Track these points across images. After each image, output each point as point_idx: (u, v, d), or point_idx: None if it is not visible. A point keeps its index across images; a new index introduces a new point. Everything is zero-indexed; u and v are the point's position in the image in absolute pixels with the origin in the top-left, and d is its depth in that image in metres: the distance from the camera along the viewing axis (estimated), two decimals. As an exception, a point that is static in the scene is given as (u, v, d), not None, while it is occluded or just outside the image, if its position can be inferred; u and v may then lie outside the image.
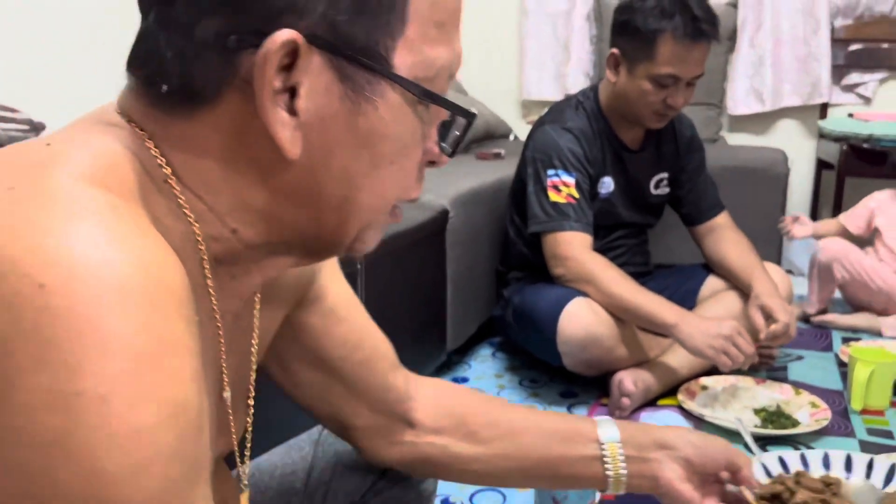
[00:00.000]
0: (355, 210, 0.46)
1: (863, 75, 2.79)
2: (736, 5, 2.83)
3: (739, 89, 2.87)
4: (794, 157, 2.77)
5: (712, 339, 1.41)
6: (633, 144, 1.72)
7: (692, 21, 1.49)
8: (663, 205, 1.84)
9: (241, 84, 0.41)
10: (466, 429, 0.72)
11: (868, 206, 2.08)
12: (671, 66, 1.51)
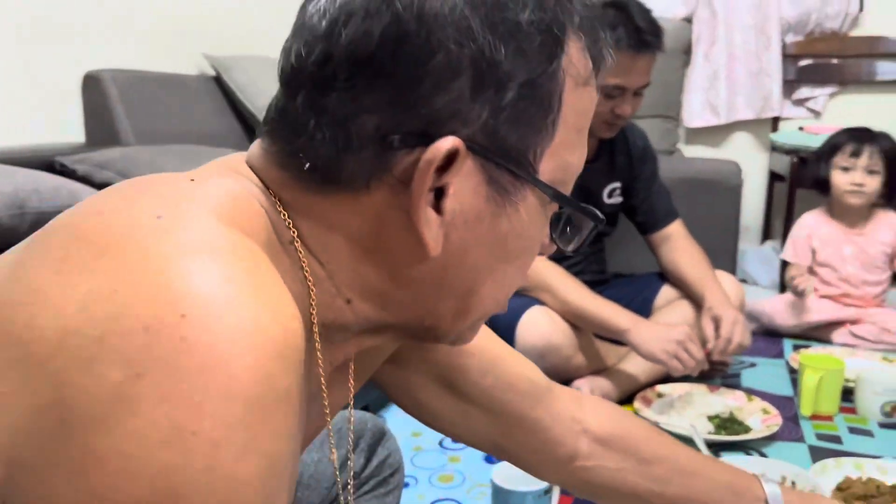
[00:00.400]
0: (476, 303, 0.47)
1: (813, 90, 2.87)
2: (691, 20, 2.90)
3: (695, 102, 2.94)
4: (748, 169, 2.83)
5: (665, 343, 1.44)
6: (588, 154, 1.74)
7: (635, 32, 1.52)
8: (617, 214, 1.87)
9: (391, 180, 0.42)
10: (639, 457, 0.72)
11: (803, 236, 2.13)
12: (616, 76, 1.54)
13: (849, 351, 1.92)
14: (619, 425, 0.73)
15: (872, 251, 2.06)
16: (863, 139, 2.02)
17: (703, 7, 2.86)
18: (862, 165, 2.01)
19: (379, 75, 0.40)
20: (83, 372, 0.32)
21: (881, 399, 1.55)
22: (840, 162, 2.03)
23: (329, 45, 0.41)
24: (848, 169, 2.02)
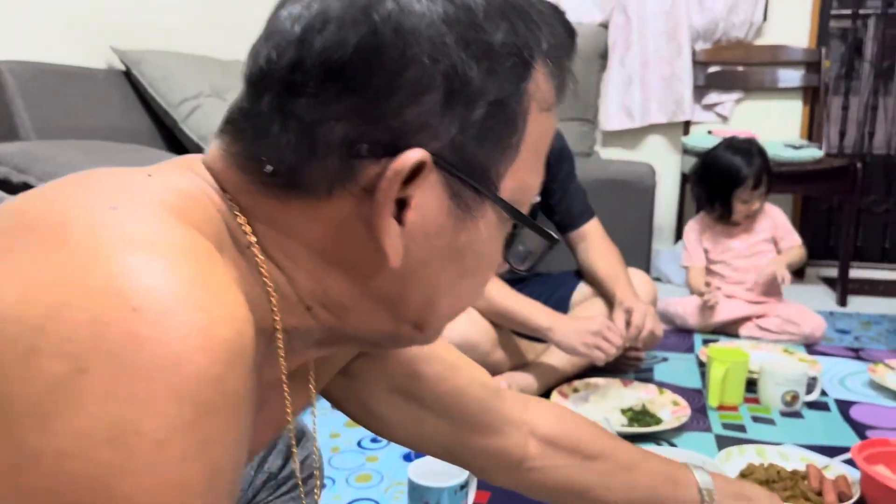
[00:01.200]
0: (433, 315, 0.48)
1: (721, 95, 3.00)
2: (607, 26, 2.98)
3: (611, 106, 3.02)
4: (661, 171, 2.94)
5: (584, 336, 1.48)
6: None
7: None
8: (536, 214, 1.90)
9: (355, 189, 0.42)
10: (583, 452, 0.73)
11: (693, 240, 2.26)
12: None
13: (753, 344, 2.02)
14: (563, 425, 0.75)
15: (756, 240, 2.20)
16: (756, 165, 2.12)
17: (618, 13, 2.95)
18: (759, 194, 2.15)
19: (351, 84, 0.40)
20: (21, 363, 0.30)
21: (782, 389, 1.63)
22: (742, 196, 2.14)
23: (302, 51, 0.41)
24: (747, 200, 2.14)
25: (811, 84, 2.90)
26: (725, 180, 2.15)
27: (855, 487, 1.23)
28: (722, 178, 2.16)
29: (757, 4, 2.87)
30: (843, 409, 1.66)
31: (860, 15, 3.31)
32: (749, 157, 2.14)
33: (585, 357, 1.52)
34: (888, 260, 3.20)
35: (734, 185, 2.13)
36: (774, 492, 1.22)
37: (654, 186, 2.62)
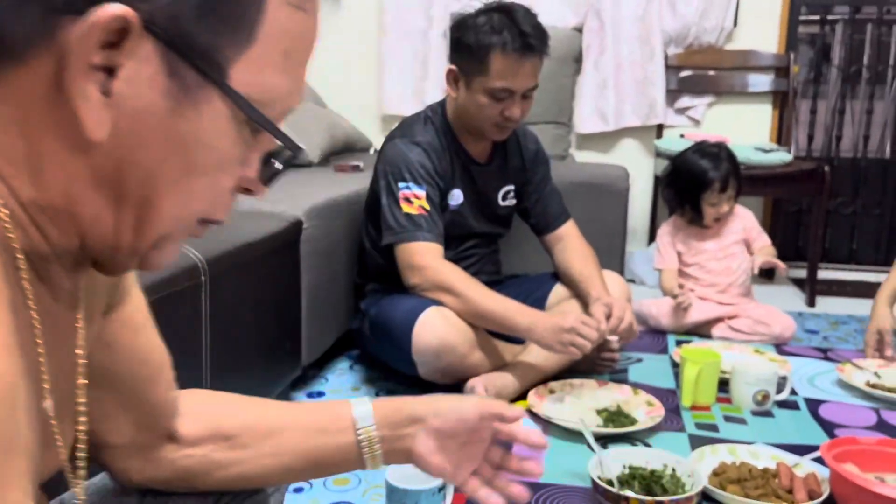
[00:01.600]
0: (155, 215, 0.44)
1: (693, 99, 3.04)
2: (581, 30, 3.00)
3: (585, 109, 3.05)
4: (635, 174, 2.96)
5: (559, 335, 1.49)
6: (480, 158, 1.78)
7: (520, 36, 1.57)
8: (511, 216, 1.92)
9: (57, 49, 0.38)
10: (223, 434, 0.69)
11: (666, 243, 2.29)
12: (503, 79, 1.58)
13: (725, 344, 2.05)
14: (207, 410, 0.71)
15: (727, 242, 2.24)
16: (723, 168, 2.17)
17: (592, 18, 2.98)
18: (727, 197, 2.19)
19: None
20: None
21: (753, 389, 1.66)
22: (710, 199, 2.18)
23: None
24: (716, 203, 2.18)
25: (780, 88, 2.95)
26: (694, 184, 2.19)
27: (824, 485, 1.26)
28: (690, 181, 2.20)
29: (728, 10, 2.92)
30: (813, 408, 1.69)
31: (827, 21, 3.38)
32: (717, 161, 2.18)
33: (562, 354, 1.53)
34: (855, 261, 3.26)
35: (702, 188, 2.17)
36: (746, 490, 1.25)
37: (627, 189, 2.65)
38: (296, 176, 2.15)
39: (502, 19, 1.58)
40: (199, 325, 1.18)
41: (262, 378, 1.48)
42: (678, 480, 1.25)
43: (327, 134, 2.78)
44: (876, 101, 3.26)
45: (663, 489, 1.21)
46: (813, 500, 1.22)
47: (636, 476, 1.25)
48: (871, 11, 3.32)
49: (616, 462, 1.30)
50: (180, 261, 1.13)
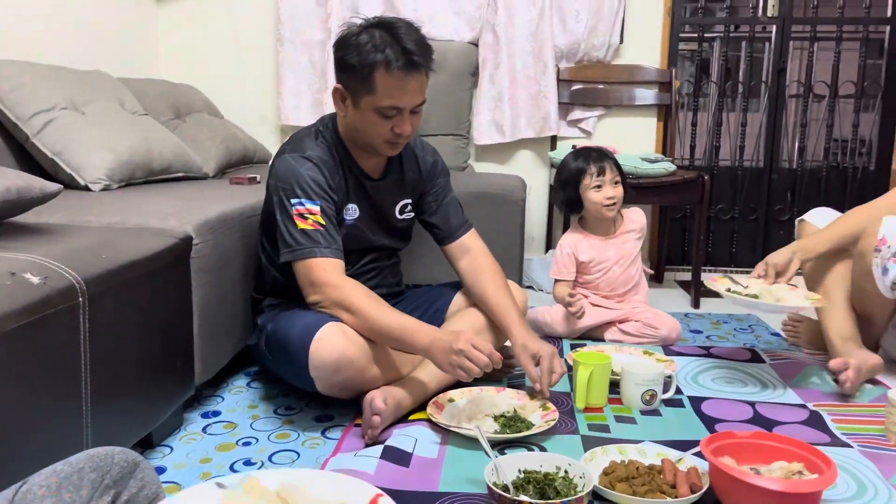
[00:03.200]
0: None
1: (584, 112, 3.16)
2: (477, 45, 3.07)
3: (483, 122, 3.12)
4: (532, 183, 3.06)
5: (449, 356, 1.49)
6: (374, 173, 1.78)
7: (403, 54, 1.55)
8: (410, 229, 1.93)
9: None
10: None
11: (566, 254, 2.35)
12: (390, 98, 1.57)
13: (617, 347, 2.13)
14: None
15: (628, 246, 2.34)
16: (598, 158, 2.30)
17: (486, 32, 3.05)
18: (609, 180, 2.29)
19: None
20: None
21: (641, 389, 1.74)
22: (591, 183, 2.29)
23: None
24: (600, 186, 2.28)
25: (664, 102, 3.11)
26: (571, 176, 2.32)
27: (705, 478, 1.33)
28: (569, 175, 2.33)
29: (614, 27, 3.06)
30: (696, 405, 1.79)
31: (706, 38, 3.59)
32: (588, 153, 2.33)
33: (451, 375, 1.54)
34: (735, 264, 3.48)
35: (579, 176, 2.30)
36: (634, 487, 1.31)
37: (524, 198, 2.72)
38: (188, 190, 2.09)
39: (384, 37, 1.57)
40: (78, 349, 1.12)
41: (150, 400, 1.43)
42: (570, 482, 1.29)
43: (223, 145, 2.72)
44: (750, 114, 3.49)
45: (556, 492, 1.25)
46: (694, 492, 1.29)
47: (531, 480, 1.29)
48: (745, 29, 3.57)
49: (512, 467, 1.33)
50: (55, 281, 1.08)
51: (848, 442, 1.58)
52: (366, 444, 1.53)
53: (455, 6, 3.04)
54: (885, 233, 1.72)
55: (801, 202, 3.47)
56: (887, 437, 1.59)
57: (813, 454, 1.33)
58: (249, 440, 1.58)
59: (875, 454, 1.52)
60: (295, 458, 1.49)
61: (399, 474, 1.38)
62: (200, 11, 3.21)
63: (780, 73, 3.34)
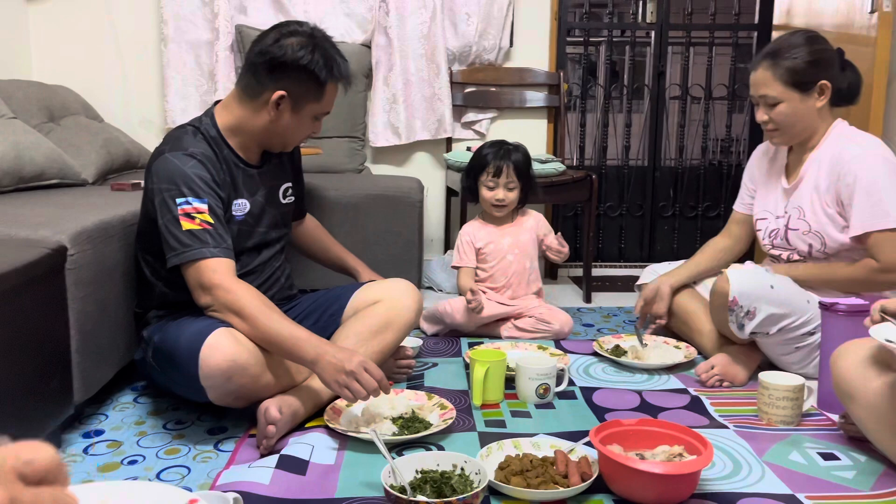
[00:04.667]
0: None
1: (478, 114, 3.22)
2: (370, 47, 3.06)
3: (378, 124, 3.11)
4: (429, 185, 3.08)
5: (338, 374, 1.47)
6: (255, 162, 1.79)
7: (344, 68, 1.72)
8: (290, 213, 1.95)
9: None
10: None
11: (465, 241, 2.40)
12: (329, 106, 1.74)
13: (513, 343, 2.18)
14: None
15: (524, 238, 2.40)
16: (503, 157, 2.35)
17: (379, 35, 3.05)
18: (503, 183, 2.35)
19: None
20: None
21: (535, 383, 1.79)
22: (485, 181, 2.36)
23: None
24: (493, 187, 2.35)
25: (553, 104, 3.21)
26: (474, 164, 2.39)
27: (595, 466, 1.39)
28: (473, 162, 2.41)
29: (504, 30, 3.13)
30: (587, 396, 1.86)
31: (592, 42, 3.74)
32: (500, 150, 2.37)
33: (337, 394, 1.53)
34: (624, 259, 3.64)
35: (479, 169, 2.37)
36: (528, 480, 1.34)
37: (422, 200, 2.74)
38: (64, 197, 1.98)
39: (325, 52, 1.67)
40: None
41: (23, 422, 1.34)
42: (467, 479, 1.31)
43: (104, 150, 2.58)
44: (635, 115, 3.66)
45: (453, 490, 1.27)
46: (585, 481, 1.34)
47: (427, 480, 1.30)
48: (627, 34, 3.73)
49: (409, 468, 1.34)
50: None
51: (725, 423, 1.69)
52: (261, 454, 1.49)
53: (346, 8, 3.02)
54: (735, 293, 1.86)
55: (683, 198, 3.67)
56: (759, 417, 1.70)
57: (692, 437, 1.41)
58: (136, 458, 1.51)
59: (749, 433, 1.62)
60: (185, 473, 1.44)
61: (295, 483, 1.36)
62: (76, 10, 3.05)
63: (660, 77, 3.52)
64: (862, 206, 1.85)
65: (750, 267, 1.95)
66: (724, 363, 1.95)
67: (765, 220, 2.12)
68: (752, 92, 1.99)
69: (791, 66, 1.90)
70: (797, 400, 1.67)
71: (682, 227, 3.64)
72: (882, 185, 1.84)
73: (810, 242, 1.98)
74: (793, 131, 1.97)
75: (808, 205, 1.97)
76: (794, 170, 2.04)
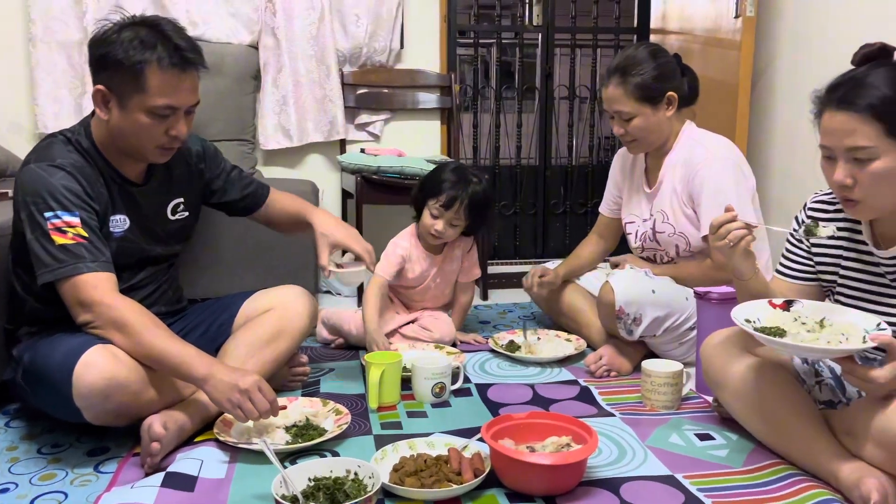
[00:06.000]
0: None
1: (371, 116, 3.20)
2: (257, 48, 2.99)
3: (269, 126, 3.05)
4: (324, 188, 3.05)
5: (231, 392, 1.43)
6: (138, 178, 1.68)
7: (176, 51, 1.50)
8: (185, 229, 1.83)
9: None
10: None
11: (397, 254, 2.26)
12: (165, 96, 1.51)
13: (410, 343, 2.19)
14: None
15: (450, 268, 2.33)
16: (458, 189, 2.16)
17: (266, 35, 2.98)
18: (447, 218, 2.19)
19: None
20: None
21: (431, 382, 1.80)
22: (432, 206, 2.19)
23: None
24: (436, 216, 2.20)
25: (446, 105, 3.24)
26: (428, 185, 2.23)
27: (487, 461, 1.41)
28: (427, 182, 2.25)
29: (394, 32, 3.13)
30: (482, 392, 1.89)
31: (482, 43, 3.80)
32: (457, 181, 2.18)
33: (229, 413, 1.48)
34: (519, 256, 3.73)
35: (430, 193, 2.20)
36: (422, 480, 1.35)
37: (317, 203, 2.71)
38: (-81, 210, 1.83)
39: (152, 34, 1.50)
40: None
41: None
42: (360, 484, 1.31)
43: (-35, 158, 2.40)
44: (525, 115, 3.75)
45: (346, 495, 1.26)
46: (477, 476, 1.37)
47: (320, 487, 1.28)
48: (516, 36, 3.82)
49: (301, 477, 1.32)
50: None
51: (611, 411, 1.76)
52: (146, 473, 1.43)
53: (230, 8, 2.94)
54: (621, 303, 1.95)
55: (574, 196, 3.80)
56: (643, 404, 1.79)
57: (579, 427, 1.46)
58: (7, 486, 1.41)
59: (634, 420, 1.70)
60: (62, 499, 1.36)
61: (182, 500, 1.32)
62: (-70, 6, 2.82)
63: (548, 78, 3.62)
64: (707, 207, 1.99)
65: (630, 273, 2.04)
66: (611, 354, 2.03)
67: (633, 223, 2.24)
68: (605, 107, 2.10)
69: (640, 82, 2.00)
70: (677, 385, 1.76)
71: (573, 224, 3.76)
72: (724, 187, 1.98)
73: (676, 243, 2.11)
74: (649, 140, 2.09)
75: (669, 208, 2.10)
76: (653, 174, 2.17)
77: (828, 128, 1.30)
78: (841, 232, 1.46)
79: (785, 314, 1.41)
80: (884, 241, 1.40)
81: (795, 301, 1.44)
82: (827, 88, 1.33)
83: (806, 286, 1.54)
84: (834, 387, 1.53)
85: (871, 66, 1.30)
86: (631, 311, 1.95)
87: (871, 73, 1.28)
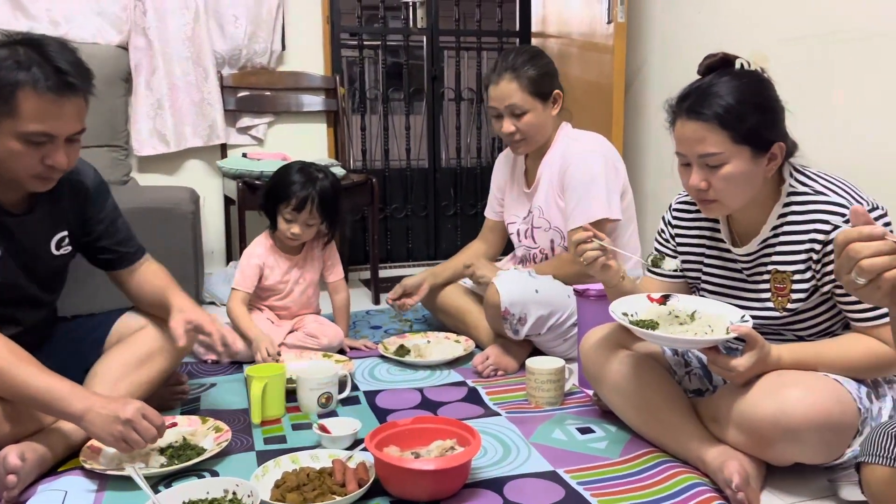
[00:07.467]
0: None
1: (253, 119, 3.12)
2: (127, 48, 2.85)
3: (143, 131, 2.91)
4: (205, 194, 2.94)
5: (111, 426, 1.35)
6: (17, 208, 1.52)
7: (56, 74, 1.36)
8: (65, 269, 1.69)
9: None
10: None
11: (253, 264, 2.22)
12: (40, 122, 1.37)
13: (297, 353, 2.13)
14: None
15: (311, 267, 2.29)
16: (307, 189, 2.12)
17: (137, 36, 2.85)
18: (303, 220, 2.15)
19: None
20: None
21: (316, 393, 1.77)
22: (285, 213, 2.15)
23: None
24: (290, 220, 2.15)
25: (331, 108, 3.20)
26: (276, 191, 2.16)
27: (372, 471, 1.40)
28: (274, 187, 2.18)
29: (275, 34, 3.06)
30: (371, 400, 1.87)
31: (367, 46, 3.77)
32: (309, 181, 2.14)
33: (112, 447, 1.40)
34: (412, 259, 3.73)
35: (280, 198, 2.14)
36: (304, 494, 1.32)
37: (196, 210, 2.60)
38: None
39: (30, 54, 1.35)
40: None
41: None
42: (238, 503, 1.26)
43: None
44: (414, 117, 3.76)
45: (223, 516, 1.21)
46: (362, 486, 1.35)
47: (195, 510, 1.23)
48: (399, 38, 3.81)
49: (176, 500, 1.26)
50: None
51: (498, 411, 1.78)
52: (2, 509, 1.33)
53: (96, 6, 2.78)
54: (506, 304, 1.98)
55: (464, 197, 3.84)
56: (528, 401, 1.82)
57: (462, 429, 1.47)
58: None
59: (519, 418, 1.73)
60: None
61: (42, 537, 1.23)
62: None
63: (434, 80, 3.64)
64: (576, 197, 2.07)
65: (515, 273, 2.08)
66: (497, 354, 2.06)
67: (514, 223, 2.31)
68: (495, 104, 2.11)
69: (533, 76, 2.07)
70: (559, 381, 1.81)
71: (463, 225, 3.80)
72: (594, 178, 2.06)
73: (552, 238, 2.18)
74: (536, 138, 2.15)
75: (545, 204, 2.17)
76: (532, 174, 2.24)
77: (680, 136, 1.38)
78: (703, 232, 1.55)
79: (661, 308, 1.47)
80: (741, 239, 1.50)
81: (672, 296, 1.51)
82: (677, 98, 1.41)
83: (674, 283, 1.62)
84: (702, 376, 1.61)
85: (715, 75, 1.38)
86: (516, 312, 1.99)
87: (717, 82, 1.35)
